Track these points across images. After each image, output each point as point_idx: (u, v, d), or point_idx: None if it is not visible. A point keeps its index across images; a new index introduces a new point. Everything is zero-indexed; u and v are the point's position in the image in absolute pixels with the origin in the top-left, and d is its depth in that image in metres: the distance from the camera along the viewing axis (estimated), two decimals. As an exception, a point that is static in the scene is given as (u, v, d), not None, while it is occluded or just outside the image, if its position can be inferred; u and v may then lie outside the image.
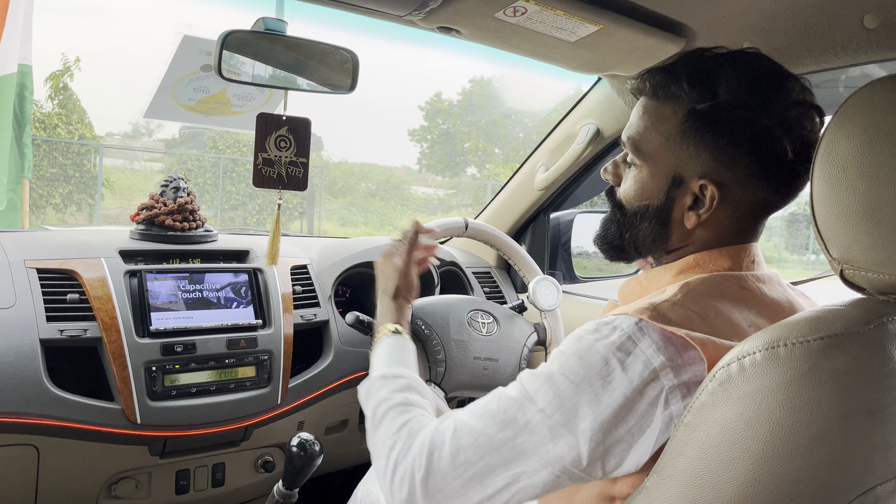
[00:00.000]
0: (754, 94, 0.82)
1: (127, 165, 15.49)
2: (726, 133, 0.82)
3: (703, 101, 0.83)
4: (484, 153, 21.74)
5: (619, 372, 0.74)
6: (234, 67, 1.17)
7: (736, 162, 0.82)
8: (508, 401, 0.79)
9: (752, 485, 0.65)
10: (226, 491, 1.51)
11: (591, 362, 0.75)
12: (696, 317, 0.76)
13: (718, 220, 0.86)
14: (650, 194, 0.88)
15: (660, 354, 0.74)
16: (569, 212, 2.14)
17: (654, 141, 0.87)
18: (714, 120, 0.82)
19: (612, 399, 0.73)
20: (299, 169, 1.22)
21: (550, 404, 0.75)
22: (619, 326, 0.76)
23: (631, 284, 0.94)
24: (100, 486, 1.35)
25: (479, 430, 0.79)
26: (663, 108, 0.86)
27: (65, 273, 1.35)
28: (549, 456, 0.75)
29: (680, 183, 0.86)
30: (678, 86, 0.84)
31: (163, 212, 1.52)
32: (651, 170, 0.88)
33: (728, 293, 0.81)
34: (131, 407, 1.29)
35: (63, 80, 12.33)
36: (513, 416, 0.77)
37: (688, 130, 0.84)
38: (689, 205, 0.85)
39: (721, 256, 0.86)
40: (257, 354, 1.45)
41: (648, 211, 0.89)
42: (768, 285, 0.85)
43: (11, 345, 1.22)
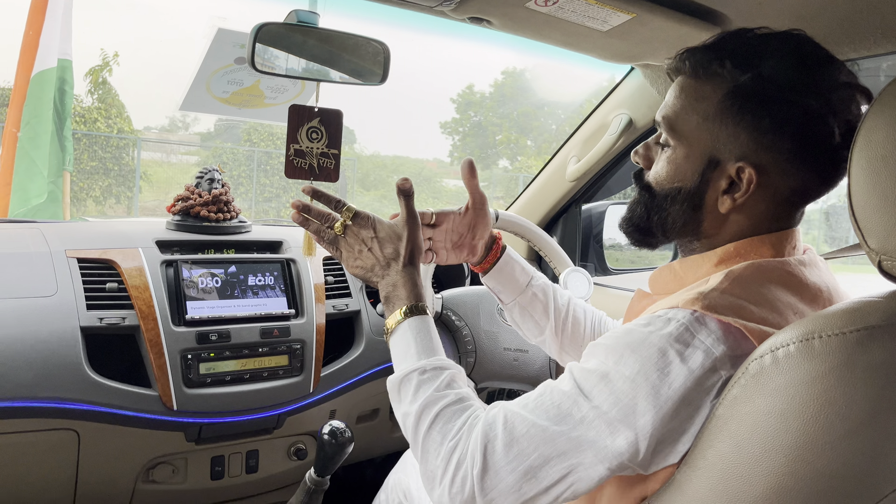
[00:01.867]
0: (800, 73, 0.79)
1: (164, 158, 15.78)
2: (769, 113, 0.79)
3: (746, 78, 0.80)
4: (516, 145, 21.65)
5: (677, 363, 0.72)
6: (266, 60, 1.18)
7: (777, 144, 0.79)
8: (561, 395, 0.77)
9: (785, 478, 0.64)
10: (259, 477, 1.54)
11: (646, 354, 0.73)
12: (747, 305, 0.74)
13: (754, 205, 0.83)
14: (683, 176, 0.85)
15: (720, 344, 0.72)
16: (601, 203, 2.12)
17: (691, 120, 0.84)
18: (756, 99, 0.79)
19: (672, 391, 0.71)
20: (331, 160, 1.22)
21: (607, 401, 0.73)
22: (675, 318, 0.74)
23: (664, 273, 0.91)
24: (138, 470, 1.38)
25: (531, 421, 0.76)
26: (703, 87, 0.83)
27: (104, 262, 1.38)
28: (608, 451, 0.73)
29: (716, 165, 0.83)
30: (720, 63, 0.81)
31: (198, 203, 1.54)
32: (686, 150, 0.85)
33: (774, 279, 0.79)
34: (168, 393, 1.32)
35: (102, 74, 12.59)
36: (567, 411, 0.75)
37: (727, 109, 0.81)
38: (724, 188, 0.82)
39: (763, 244, 0.83)
40: (290, 343, 1.47)
41: (681, 193, 0.86)
42: (809, 268, 0.83)
43: (53, 332, 1.26)
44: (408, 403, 0.88)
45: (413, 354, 0.92)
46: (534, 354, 1.54)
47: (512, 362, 1.51)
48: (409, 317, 0.95)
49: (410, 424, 0.86)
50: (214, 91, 3.59)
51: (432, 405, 0.85)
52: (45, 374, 1.22)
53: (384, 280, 1.00)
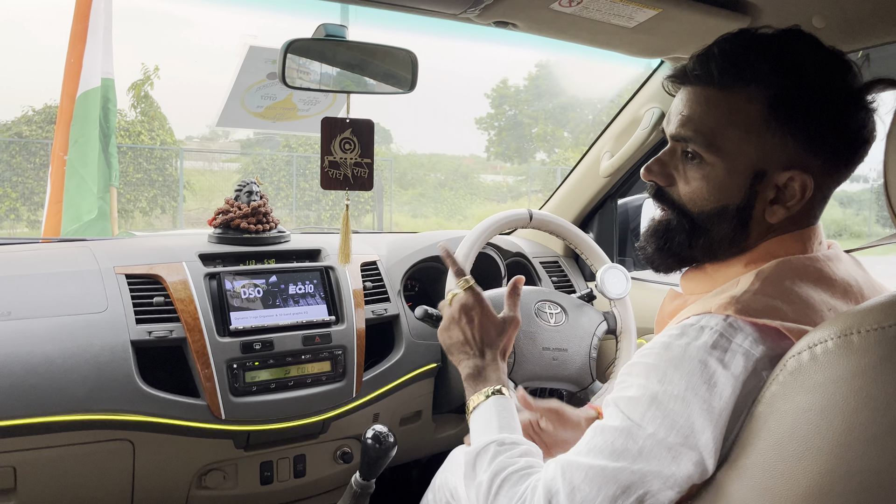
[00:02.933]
0: (834, 73, 0.77)
1: (206, 167, 16.09)
2: (816, 118, 0.77)
3: (789, 84, 0.77)
4: (553, 138, 21.47)
5: (720, 371, 0.71)
6: (297, 74, 1.21)
7: (824, 147, 0.78)
8: (613, 431, 0.75)
9: (826, 475, 0.63)
10: (307, 481, 1.57)
11: (689, 369, 0.72)
12: (781, 303, 0.74)
13: (801, 208, 0.81)
14: (728, 193, 0.81)
15: (759, 345, 0.71)
16: (637, 197, 2.10)
17: (732, 135, 0.79)
18: (802, 104, 0.77)
19: (724, 402, 0.71)
20: (364, 170, 1.25)
21: (662, 426, 0.72)
22: (707, 325, 0.73)
23: (696, 274, 0.90)
24: (191, 477, 1.42)
25: (589, 464, 0.75)
26: (735, 98, 0.79)
27: (150, 277, 1.43)
28: (675, 478, 0.71)
29: (762, 176, 0.80)
30: (754, 71, 0.77)
31: (238, 216, 1.58)
32: (728, 166, 0.80)
33: (804, 276, 0.78)
34: (216, 403, 1.35)
35: (144, 88, 12.89)
36: (623, 447, 0.73)
37: (772, 119, 0.77)
38: (772, 198, 0.80)
39: (793, 242, 0.82)
40: (332, 349, 1.50)
41: (727, 211, 0.81)
42: (835, 263, 0.82)
43: (106, 346, 1.31)
44: (482, 472, 0.88)
45: (494, 428, 0.94)
46: (573, 353, 1.54)
47: (551, 361, 1.51)
48: (499, 397, 0.99)
49: (483, 490, 0.86)
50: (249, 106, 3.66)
51: (503, 470, 0.85)
52: (98, 388, 1.27)
53: (469, 361, 1.06)
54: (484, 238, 1.54)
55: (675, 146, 0.86)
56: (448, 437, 1.79)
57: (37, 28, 18.90)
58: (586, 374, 1.55)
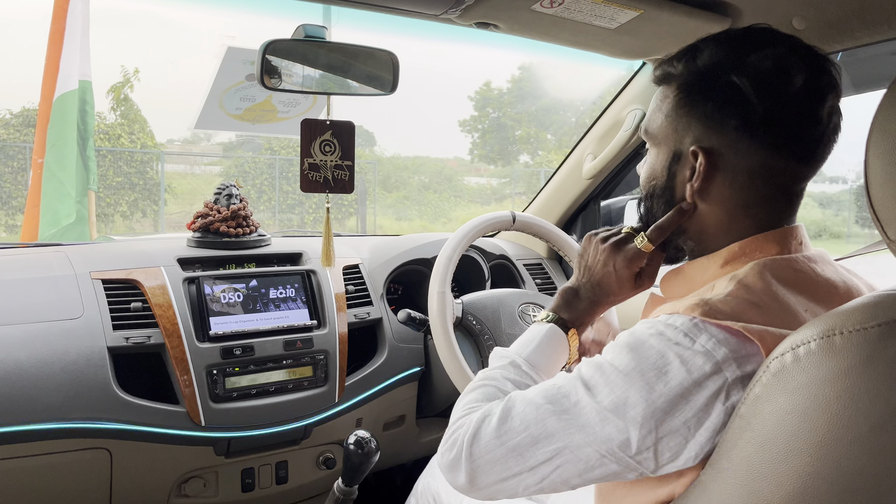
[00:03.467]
0: (731, 52, 0.83)
1: (188, 170, 15.97)
2: (710, 97, 0.83)
3: (688, 71, 0.85)
4: (536, 140, 21.56)
5: (676, 364, 0.72)
6: (276, 76, 1.19)
7: (722, 126, 0.82)
8: (564, 379, 0.80)
9: (810, 477, 0.63)
10: (290, 488, 1.55)
11: (644, 355, 0.74)
12: (752, 307, 0.74)
13: (717, 189, 0.84)
14: (656, 173, 0.91)
15: (722, 347, 0.72)
16: (620, 199, 2.10)
17: (657, 121, 0.89)
18: (698, 86, 0.84)
19: (668, 389, 0.72)
20: (345, 172, 1.24)
21: (602, 391, 0.75)
22: (674, 324, 0.75)
23: (674, 276, 0.92)
24: (170, 485, 1.40)
25: (529, 400, 0.81)
26: (665, 89, 0.89)
27: (128, 283, 1.41)
28: (596, 435, 0.75)
29: (679, 157, 0.87)
30: (671, 64, 0.87)
31: (217, 219, 1.56)
32: (656, 150, 0.90)
33: (781, 277, 0.78)
34: (195, 409, 1.33)
35: (124, 91, 12.79)
36: (564, 394, 0.78)
37: (680, 103, 0.86)
38: (688, 177, 0.86)
39: (767, 242, 0.83)
40: (313, 354, 1.48)
41: (655, 190, 0.91)
42: (820, 265, 0.82)
43: (81, 353, 1.28)
44: (485, 370, 0.96)
45: (527, 352, 0.96)
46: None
47: (535, 364, 1.50)
48: (556, 325, 0.98)
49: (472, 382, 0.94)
50: (228, 108, 3.64)
51: (490, 381, 0.92)
52: (74, 395, 1.25)
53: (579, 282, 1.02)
54: (467, 241, 1.53)
55: None
56: (432, 441, 1.78)
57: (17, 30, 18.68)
58: (570, 376, 1.54)
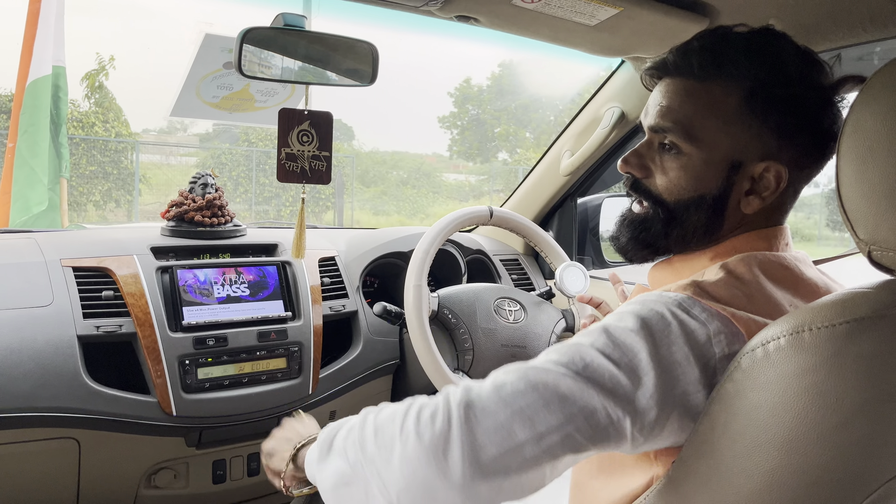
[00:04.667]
0: (810, 68, 0.80)
1: (163, 161, 15.76)
2: (792, 110, 0.78)
3: (765, 77, 0.79)
4: (515, 138, 21.60)
5: (676, 327, 0.70)
6: (254, 64, 1.18)
7: (797, 140, 0.80)
8: (558, 351, 0.71)
9: (778, 471, 0.64)
10: (261, 480, 1.54)
11: (646, 314, 0.71)
12: (741, 295, 0.74)
13: (774, 201, 0.83)
14: (706, 183, 0.82)
15: (714, 320, 0.71)
16: (596, 196, 2.12)
17: (710, 125, 0.81)
18: (779, 96, 0.78)
19: (672, 355, 0.69)
20: (322, 163, 1.23)
21: (608, 346, 0.69)
22: (667, 296, 0.73)
23: (663, 268, 0.90)
24: (139, 476, 1.39)
25: (531, 364, 0.70)
26: (712, 89, 0.81)
27: (99, 271, 1.39)
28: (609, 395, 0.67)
29: (739, 167, 0.81)
30: (733, 63, 0.79)
31: (192, 208, 1.54)
32: (705, 156, 0.81)
33: (769, 272, 0.79)
34: (167, 400, 1.32)
35: (99, 79, 12.57)
36: (569, 359, 0.69)
37: (750, 110, 0.79)
38: (747, 189, 0.82)
39: (758, 239, 0.83)
40: (287, 346, 1.47)
41: (704, 201, 0.82)
42: (803, 265, 0.83)
43: (50, 341, 1.26)
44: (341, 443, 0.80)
45: None
46: (531, 350, 1.54)
47: (510, 358, 1.51)
48: None
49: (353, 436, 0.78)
50: (204, 96, 3.59)
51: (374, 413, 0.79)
52: (43, 384, 1.23)
53: None
54: (444, 235, 1.53)
55: (652, 138, 0.87)
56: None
57: (-8, 15, 18.28)
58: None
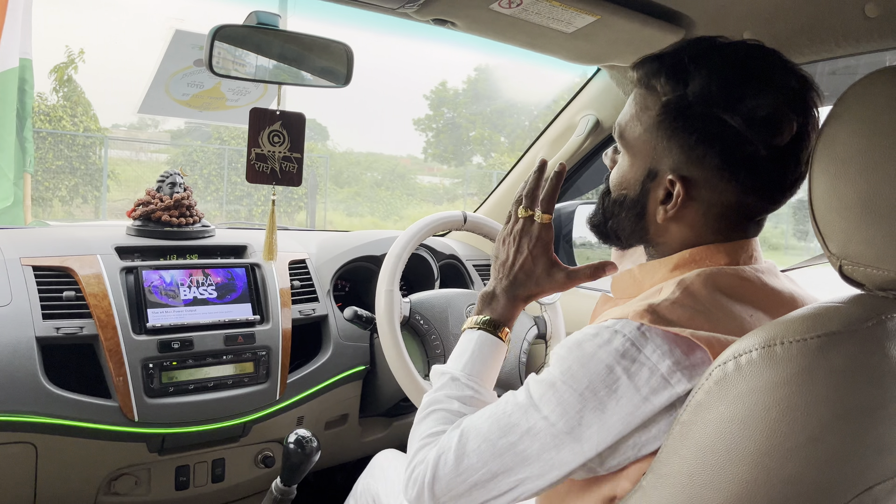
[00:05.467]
0: (724, 90, 0.78)
1: (133, 157, 15.52)
2: (696, 130, 0.79)
3: (675, 95, 0.80)
4: (489, 142, 21.70)
5: (624, 380, 0.73)
6: (226, 62, 1.16)
7: (704, 160, 0.80)
8: (515, 406, 0.79)
9: (748, 484, 0.64)
10: (226, 486, 1.51)
11: (594, 370, 0.74)
12: (698, 314, 0.74)
13: (690, 217, 0.83)
14: (628, 184, 0.87)
15: (665, 359, 0.72)
16: (570, 203, 2.12)
17: (636, 130, 0.85)
18: (684, 116, 0.80)
19: (619, 407, 0.72)
20: (293, 164, 1.21)
21: (554, 412, 0.75)
22: (621, 331, 0.75)
23: (624, 278, 0.92)
24: (99, 482, 1.35)
25: (483, 434, 0.80)
26: (647, 98, 0.84)
27: (61, 270, 1.35)
28: (553, 461, 0.75)
29: (654, 176, 0.84)
30: (657, 77, 0.82)
31: (159, 207, 1.51)
32: (631, 159, 0.87)
33: (727, 287, 0.79)
34: (128, 404, 1.29)
35: (67, 72, 12.35)
36: (516, 422, 0.78)
37: (662, 123, 0.82)
38: (662, 199, 0.84)
39: (718, 252, 0.83)
40: (255, 350, 1.45)
41: (626, 201, 0.88)
42: (767, 275, 0.83)
43: (7, 343, 1.22)
44: (429, 393, 0.94)
45: (462, 362, 0.95)
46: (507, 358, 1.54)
47: (481, 365, 1.50)
48: (483, 329, 0.96)
49: (419, 409, 0.93)
50: (174, 94, 3.54)
51: (437, 404, 0.90)
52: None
53: (493, 283, 1.00)
54: (418, 239, 1.52)
55: None
56: (374, 440, 1.77)
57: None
58: (515, 377, 1.55)
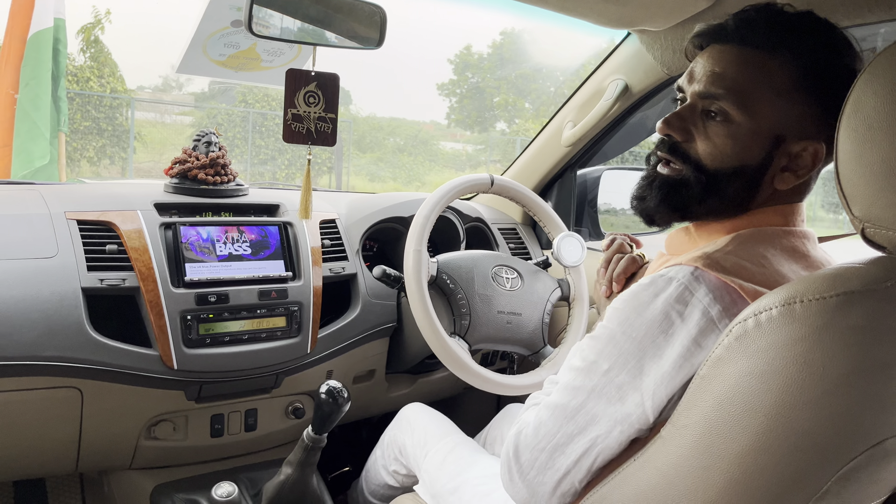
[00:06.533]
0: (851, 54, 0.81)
1: (158, 119, 15.62)
2: (838, 92, 0.77)
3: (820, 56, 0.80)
4: (514, 108, 21.47)
5: (679, 323, 0.76)
6: (263, 23, 1.18)
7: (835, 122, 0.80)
8: (576, 371, 0.83)
9: (763, 435, 0.66)
10: (258, 435, 1.58)
11: (650, 317, 0.77)
12: (750, 265, 0.77)
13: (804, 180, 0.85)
14: (749, 153, 0.82)
15: (716, 303, 0.75)
16: (596, 168, 2.13)
17: (762, 96, 0.81)
18: (831, 77, 0.79)
19: (673, 351, 0.75)
20: (328, 124, 1.23)
21: (615, 364, 0.78)
22: (675, 277, 0.77)
23: (680, 236, 0.93)
24: (140, 427, 1.41)
25: (554, 403, 0.84)
26: (771, 61, 0.81)
27: (103, 224, 1.40)
28: (618, 415, 0.78)
29: (780, 142, 0.82)
30: (796, 37, 0.80)
31: (195, 166, 1.55)
32: (754, 126, 0.81)
33: (778, 245, 0.81)
34: (168, 353, 1.34)
35: (94, 32, 12.38)
36: (580, 384, 0.81)
37: (802, 87, 0.80)
38: (784, 165, 0.83)
39: (775, 214, 0.85)
40: (287, 305, 1.49)
41: (745, 171, 0.83)
42: (812, 243, 0.85)
43: (55, 293, 1.28)
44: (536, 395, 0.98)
45: None
46: (527, 317, 1.57)
47: (505, 325, 1.54)
48: None
49: None
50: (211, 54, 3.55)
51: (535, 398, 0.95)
52: (47, 334, 1.25)
53: None
54: (445, 201, 1.54)
55: (695, 103, 0.86)
56: (400, 396, 1.82)
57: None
58: (538, 338, 1.58)
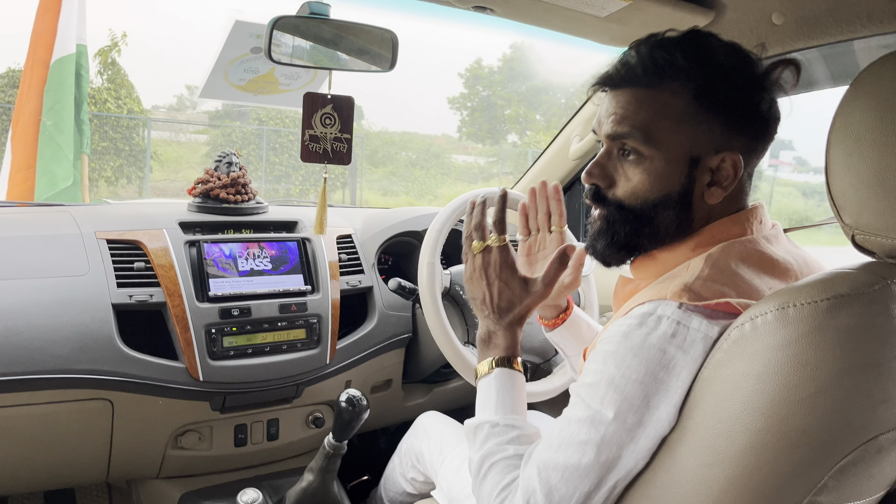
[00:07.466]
0: (741, 60, 0.86)
1: (173, 138, 15.81)
2: (736, 102, 0.84)
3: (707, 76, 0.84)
4: (525, 120, 21.52)
5: (680, 356, 0.76)
6: (282, 50, 1.24)
7: (744, 129, 0.86)
8: (579, 423, 0.79)
9: (761, 433, 0.69)
10: (280, 444, 1.62)
11: (647, 357, 0.76)
12: (728, 289, 0.79)
13: (734, 187, 0.88)
14: (670, 182, 0.87)
15: (714, 326, 0.76)
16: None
17: (665, 126, 0.85)
18: (723, 91, 0.84)
19: (681, 381, 0.76)
20: (343, 144, 1.29)
21: (621, 409, 0.76)
22: (664, 315, 0.77)
23: (645, 261, 0.94)
24: (167, 437, 1.47)
25: (562, 464, 0.79)
26: (660, 95, 0.85)
27: (131, 243, 1.46)
28: (636, 454, 0.77)
29: (697, 162, 0.86)
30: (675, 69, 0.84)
31: (217, 185, 1.61)
32: (665, 156, 0.86)
33: (747, 259, 0.83)
34: (194, 365, 1.40)
35: (111, 55, 12.57)
36: (587, 437, 0.78)
37: (699, 108, 0.85)
38: (708, 181, 0.87)
39: (732, 224, 0.88)
40: (307, 318, 1.55)
41: (671, 199, 0.87)
42: (775, 244, 0.88)
43: (87, 309, 1.34)
44: (475, 450, 0.93)
45: (492, 407, 0.95)
46: (538, 326, 1.60)
47: (517, 334, 1.57)
48: (499, 367, 0.98)
49: (473, 469, 0.92)
50: (232, 79, 3.65)
51: (492, 455, 0.90)
52: (80, 348, 1.30)
53: (484, 322, 1.02)
54: (458, 215, 1.58)
55: (610, 147, 0.91)
56: (416, 405, 1.86)
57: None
58: (550, 347, 1.61)
